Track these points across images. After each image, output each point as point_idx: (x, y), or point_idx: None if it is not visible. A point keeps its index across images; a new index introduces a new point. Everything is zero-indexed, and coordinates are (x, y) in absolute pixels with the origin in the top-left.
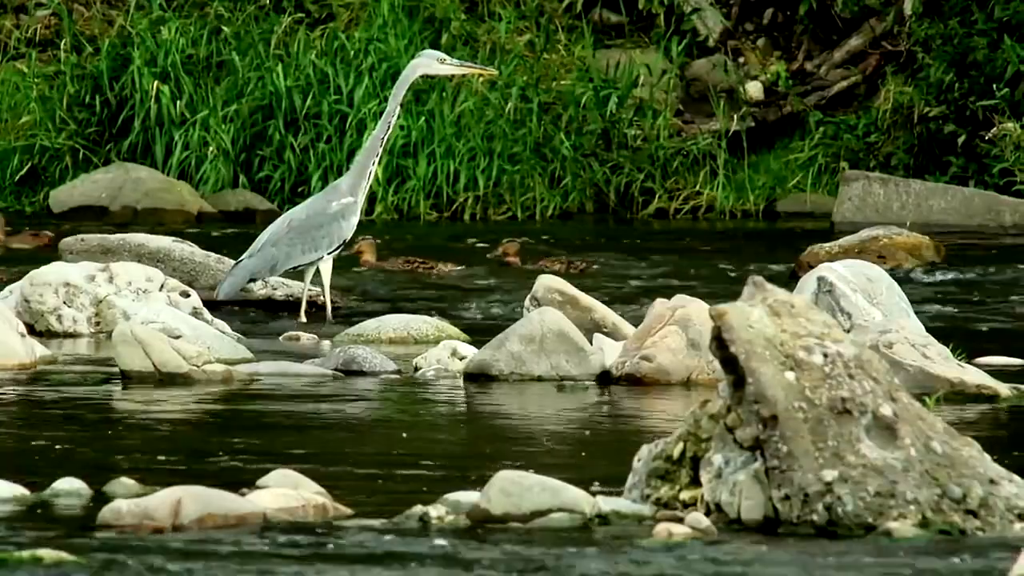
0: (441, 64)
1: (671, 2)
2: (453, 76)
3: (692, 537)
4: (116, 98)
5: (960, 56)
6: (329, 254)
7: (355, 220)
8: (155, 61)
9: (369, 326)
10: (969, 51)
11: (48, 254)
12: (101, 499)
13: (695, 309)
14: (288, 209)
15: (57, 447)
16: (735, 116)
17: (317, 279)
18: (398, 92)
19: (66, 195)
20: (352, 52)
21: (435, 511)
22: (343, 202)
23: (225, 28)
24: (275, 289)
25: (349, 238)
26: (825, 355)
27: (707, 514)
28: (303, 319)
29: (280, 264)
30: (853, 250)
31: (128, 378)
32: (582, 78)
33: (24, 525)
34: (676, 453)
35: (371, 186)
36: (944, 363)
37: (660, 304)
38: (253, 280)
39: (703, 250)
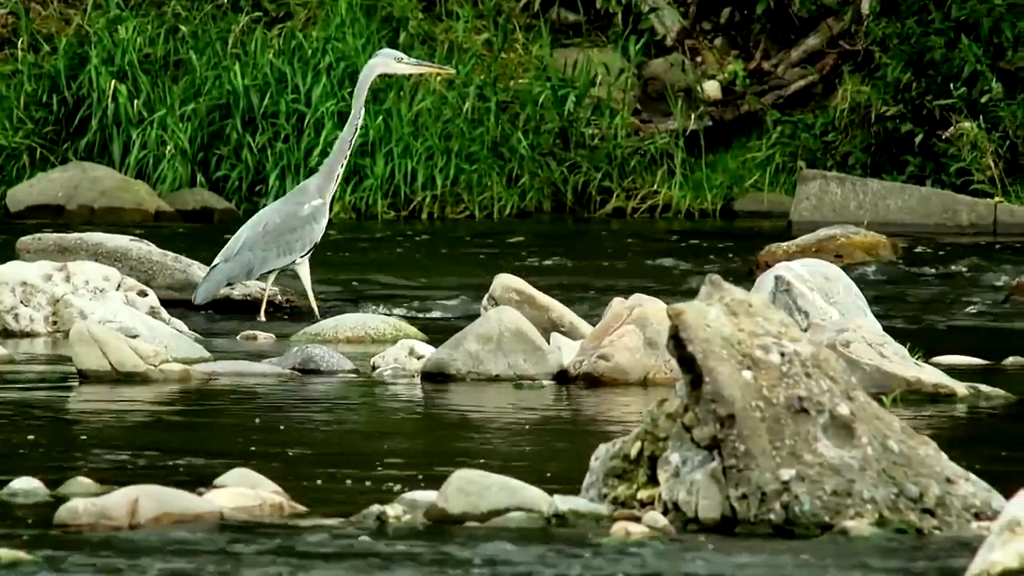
0: (399, 63)
1: (628, 1)
2: (411, 75)
3: (649, 536)
4: (73, 97)
5: (917, 55)
6: (302, 257)
7: (324, 222)
8: (112, 60)
9: (326, 325)
10: (926, 50)
11: None
12: (58, 498)
13: (652, 308)
14: (245, 208)
15: (14, 446)
16: (692, 115)
17: (278, 280)
18: (359, 94)
19: (23, 194)
20: (310, 51)
21: (392, 510)
22: (314, 204)
23: (182, 27)
24: (233, 289)
25: (319, 240)
26: (782, 354)
27: (664, 513)
28: (262, 318)
29: (256, 268)
30: (810, 249)
31: (85, 377)
32: (539, 77)
33: None
34: (633, 452)
35: None
36: (901, 362)
37: (617, 303)
38: (230, 284)
39: (660, 249)
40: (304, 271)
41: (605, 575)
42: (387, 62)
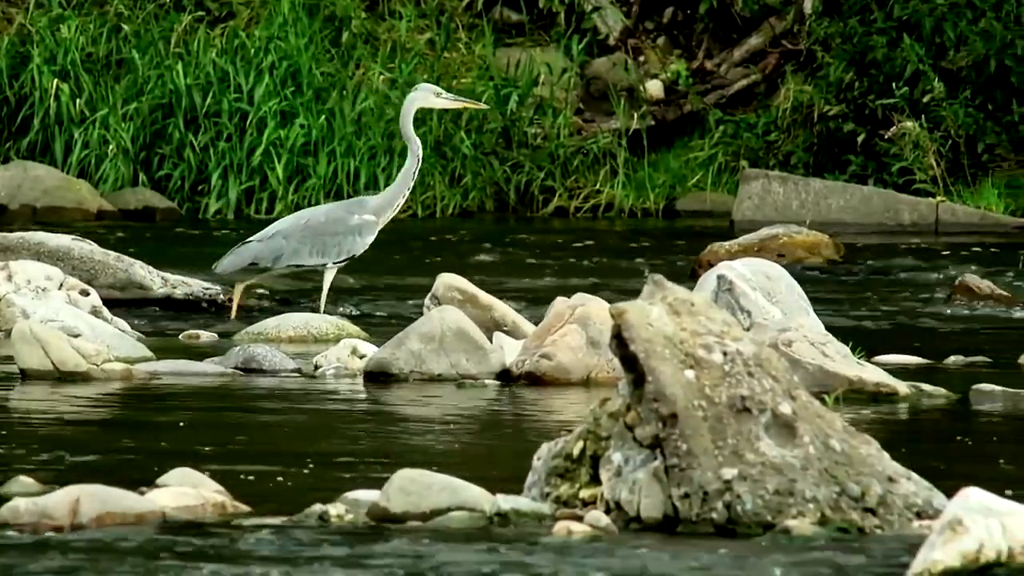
0: (437, 98)
1: (571, 1)
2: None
3: (591, 535)
4: (15, 96)
5: (859, 55)
6: (335, 264)
7: (370, 240)
8: (55, 59)
9: (269, 324)
10: (868, 50)
11: None
12: None
13: (595, 307)
14: (188, 208)
15: None
16: (635, 115)
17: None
18: (406, 126)
19: None
20: (252, 50)
21: (334, 510)
22: (364, 218)
23: (125, 26)
24: (175, 288)
25: (359, 255)
26: (724, 353)
27: (607, 512)
28: (233, 316)
29: (285, 258)
30: (752, 248)
31: (27, 376)
32: (482, 76)
33: None
34: (576, 451)
35: (272, 185)
36: (843, 361)
37: (560, 302)
38: (254, 264)
39: (603, 248)
40: (328, 277)
41: (547, 574)
42: (426, 96)
